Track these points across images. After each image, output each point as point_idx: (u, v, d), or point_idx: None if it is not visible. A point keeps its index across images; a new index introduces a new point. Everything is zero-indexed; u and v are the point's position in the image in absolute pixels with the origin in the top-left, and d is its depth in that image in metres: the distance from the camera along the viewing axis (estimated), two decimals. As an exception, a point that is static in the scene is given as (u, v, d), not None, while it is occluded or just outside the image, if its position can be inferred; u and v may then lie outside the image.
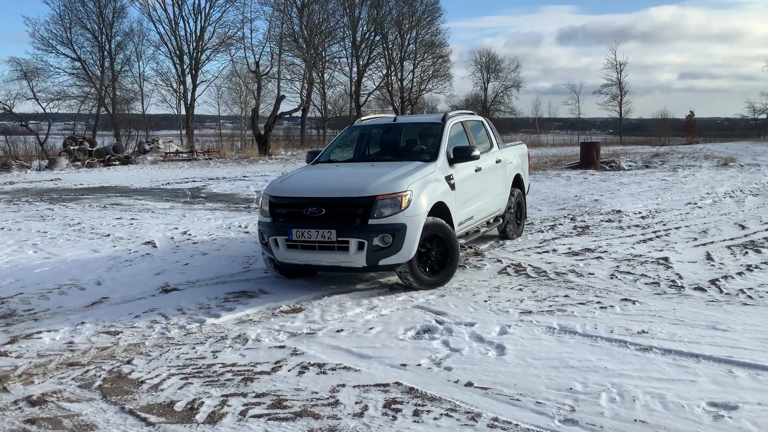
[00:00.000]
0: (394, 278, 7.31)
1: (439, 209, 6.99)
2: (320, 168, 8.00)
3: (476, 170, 8.10)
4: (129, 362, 4.99)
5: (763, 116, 59.38)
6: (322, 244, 6.48)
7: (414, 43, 57.65)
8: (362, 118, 9.20)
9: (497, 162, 9.00)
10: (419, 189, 6.69)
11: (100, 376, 4.71)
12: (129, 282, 7.51)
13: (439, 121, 8.24)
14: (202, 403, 4.18)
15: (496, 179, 8.95)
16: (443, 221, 6.94)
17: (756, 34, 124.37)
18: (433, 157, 7.54)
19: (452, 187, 7.35)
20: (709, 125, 71.89)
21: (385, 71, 57.41)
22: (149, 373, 4.75)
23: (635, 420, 3.75)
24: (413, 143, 8.23)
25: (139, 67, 67.12)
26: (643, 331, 5.22)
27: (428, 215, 6.72)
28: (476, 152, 7.79)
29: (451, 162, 7.60)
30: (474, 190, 8.01)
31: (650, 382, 4.26)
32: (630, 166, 22.42)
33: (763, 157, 23.73)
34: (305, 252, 6.62)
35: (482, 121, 9.39)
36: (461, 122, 8.54)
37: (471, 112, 9.65)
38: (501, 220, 9.27)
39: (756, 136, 47.89)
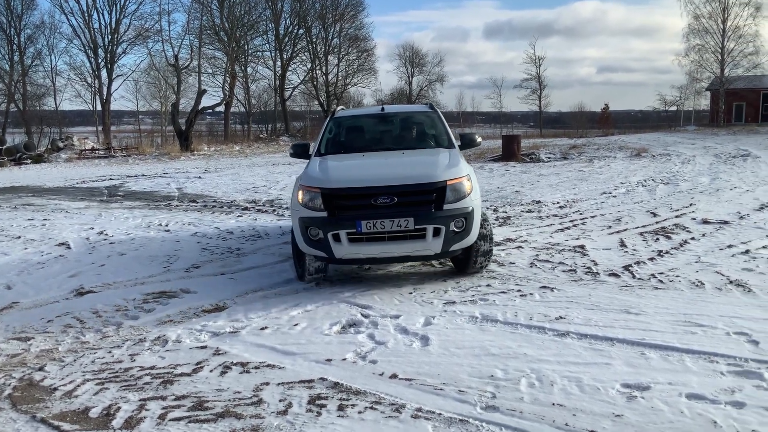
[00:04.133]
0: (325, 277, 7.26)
1: None
2: (350, 158, 7.41)
3: None
4: (41, 369, 4.77)
5: (674, 108, 62.26)
6: (394, 235, 6.21)
7: (338, 37, 57.36)
8: (337, 109, 8.85)
9: None
10: (471, 174, 6.79)
11: (9, 385, 4.49)
12: (41, 285, 7.19)
13: (429, 110, 8.40)
14: (119, 408, 4.04)
15: None
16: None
17: (672, 30, 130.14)
18: (449, 144, 7.65)
19: None
20: (624, 117, 74.69)
21: (309, 65, 56.94)
22: (62, 379, 4.56)
23: (553, 404, 3.86)
24: (419, 132, 8.17)
25: (51, 61, 63.99)
26: (561, 317, 5.38)
27: None
28: (479, 139, 7.94)
29: (460, 149, 7.76)
30: None
31: (567, 366, 4.39)
32: (549, 158, 23.08)
33: (674, 147, 24.88)
34: (373, 244, 6.26)
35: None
36: None
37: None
38: None
39: (667, 127, 50.11)
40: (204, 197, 15.02)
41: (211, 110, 44.90)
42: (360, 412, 3.86)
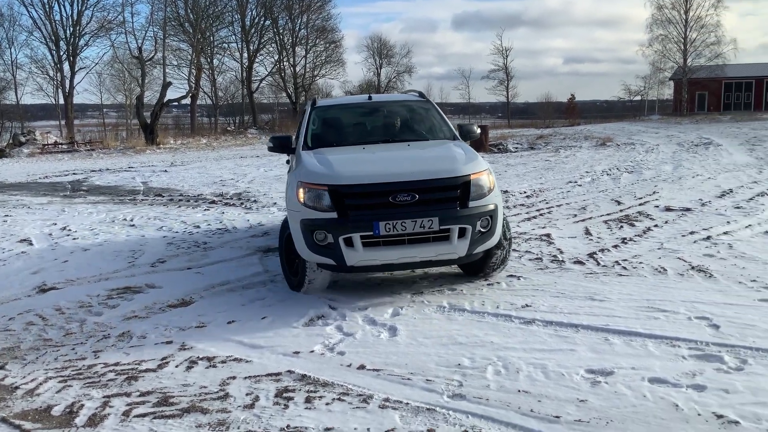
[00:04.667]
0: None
1: None
2: (350, 152, 6.49)
3: None
4: (2, 368, 4.67)
5: (638, 98, 63.18)
6: (415, 237, 5.54)
7: (305, 29, 57.02)
8: (317, 99, 7.97)
9: None
10: (489, 167, 6.18)
11: (-32, 386, 4.38)
12: (2, 283, 7.03)
13: (421, 98, 7.74)
14: (82, 405, 3.98)
15: None
16: None
17: (637, 20, 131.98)
18: (452, 135, 7.03)
19: None
20: (589, 107, 75.55)
21: (277, 57, 56.49)
22: (24, 378, 4.47)
23: (519, 391, 3.90)
24: (416, 122, 7.40)
25: (11, 53, 62.41)
26: (527, 305, 5.43)
27: None
28: (478, 130, 7.34)
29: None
30: None
31: (533, 353, 4.44)
32: (516, 148, 23.27)
33: (638, 136, 25.25)
34: (392, 249, 5.54)
35: None
36: None
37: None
38: None
39: (632, 116, 50.84)
40: (170, 191, 14.83)
41: (176, 103, 44.29)
42: (327, 404, 3.86)
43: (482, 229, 5.70)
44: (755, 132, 24.24)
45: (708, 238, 7.61)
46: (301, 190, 5.79)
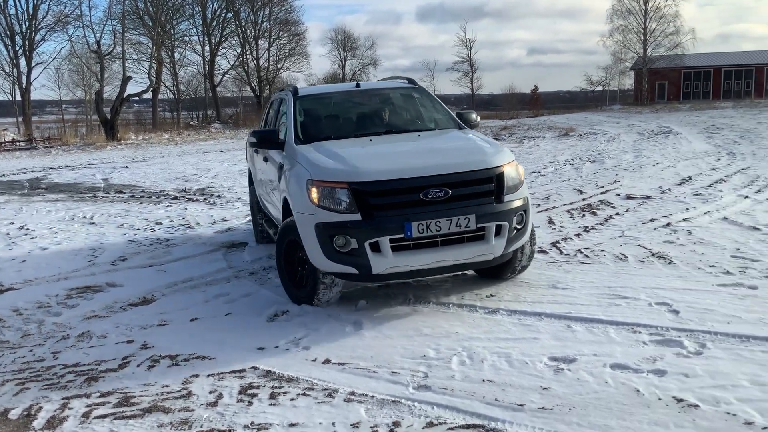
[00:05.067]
0: (258, 264, 7.17)
1: None
2: (358, 144, 5.85)
3: None
4: (-45, 373, 4.53)
5: (600, 88, 64.05)
6: (449, 238, 4.99)
7: (268, 21, 56.42)
8: (298, 87, 7.00)
9: None
10: None
11: None
12: (-45, 285, 6.82)
13: (413, 85, 7.16)
14: (41, 408, 3.88)
15: None
16: None
17: (598, 11, 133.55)
18: (456, 124, 6.51)
19: None
20: (553, 98, 76.30)
21: (239, 50, 55.84)
22: (-21, 382, 4.34)
23: (483, 380, 3.92)
24: (416, 111, 6.85)
25: (-36, 49, 60.72)
26: (492, 295, 5.46)
27: None
28: (478, 119, 6.84)
29: None
30: None
31: (497, 342, 4.46)
32: (482, 138, 23.35)
33: (600, 126, 25.60)
34: (424, 252, 4.97)
35: None
36: None
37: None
38: None
39: (594, 107, 51.51)
40: (131, 188, 14.58)
41: (137, 98, 43.56)
42: (292, 399, 3.82)
43: (518, 226, 5.27)
44: (713, 120, 24.75)
45: (668, 225, 7.74)
46: (314, 190, 5.08)
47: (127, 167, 19.55)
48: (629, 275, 5.80)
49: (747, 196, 9.31)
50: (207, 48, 54.12)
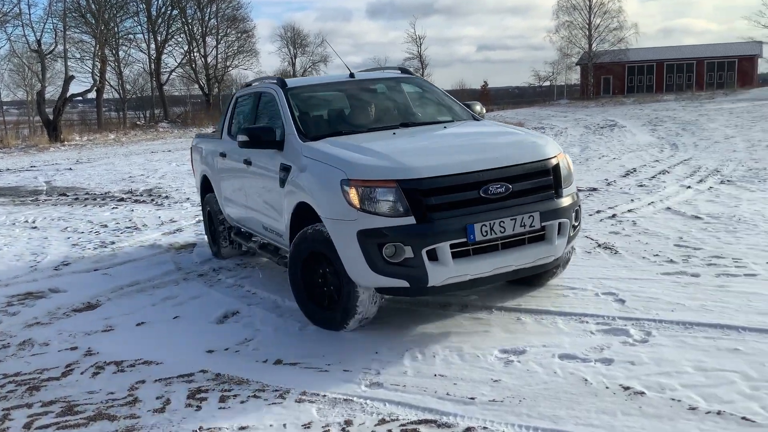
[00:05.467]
0: (208, 266, 7.05)
1: None
2: (383, 138, 5.16)
3: None
4: None
5: (548, 83, 65.11)
6: (510, 240, 4.43)
7: (215, 18, 55.58)
8: (285, 80, 6.05)
9: None
10: None
11: None
12: None
13: (411, 75, 6.60)
14: (-22, 421, 3.73)
15: None
16: None
17: (544, 7, 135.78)
18: (469, 114, 6.00)
19: None
20: (502, 94, 77.20)
21: (186, 47, 54.84)
22: None
23: (435, 375, 3.93)
24: (424, 101, 6.28)
25: None
26: (443, 290, 5.47)
27: None
28: (484, 110, 6.26)
29: None
30: None
31: (449, 337, 4.48)
32: (433, 134, 23.48)
33: (548, 121, 26.05)
34: (484, 259, 4.36)
35: None
36: None
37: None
38: None
39: (542, 102, 52.36)
40: (75, 190, 14.16)
41: (81, 97, 42.34)
42: (242, 402, 3.76)
43: (575, 223, 4.81)
44: (656, 113, 25.42)
45: (613, 216, 7.90)
46: (353, 191, 4.32)
47: (70, 169, 18.98)
48: (576, 266, 5.88)
49: (689, 187, 9.58)
50: (153, 46, 52.97)
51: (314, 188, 4.69)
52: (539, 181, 4.61)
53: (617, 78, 57.04)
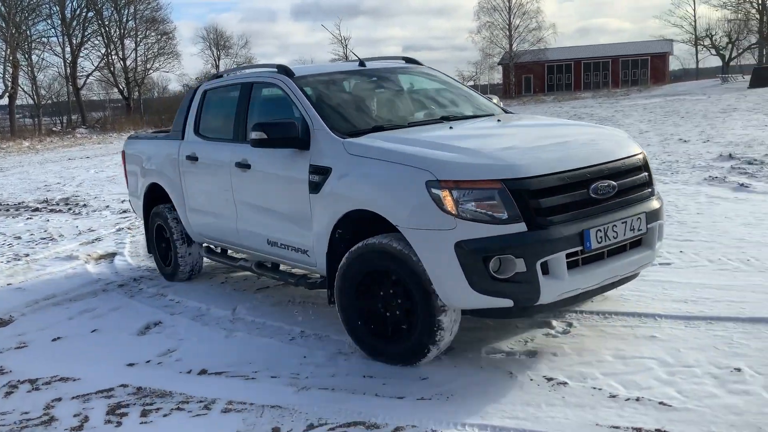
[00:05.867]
0: (128, 275, 6.80)
1: None
2: (440, 129, 4.58)
3: None
4: None
5: (471, 83, 66.30)
6: (618, 245, 3.95)
7: (134, 20, 54.02)
8: (291, 67, 5.17)
9: None
10: None
11: None
12: None
13: (419, 64, 5.91)
14: None
15: None
16: None
17: (467, 8, 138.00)
18: (499, 107, 5.44)
19: None
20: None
21: (104, 50, 53.02)
22: None
23: (364, 376, 3.91)
24: (452, 93, 5.54)
25: None
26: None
27: None
28: (501, 104, 5.69)
29: None
30: None
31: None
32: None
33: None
34: (594, 269, 3.82)
35: None
36: None
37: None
38: None
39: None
40: (-14, 201, 13.45)
41: (-9, 104, 40.29)
42: (165, 416, 3.64)
43: (663, 222, 4.36)
44: (575, 110, 26.27)
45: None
46: (446, 194, 3.61)
47: (-20, 179, 18.04)
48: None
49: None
50: (68, 49, 51.02)
51: (382, 193, 3.90)
52: (638, 179, 4.15)
53: (537, 77, 58.70)
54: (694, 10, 62.67)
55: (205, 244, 6.00)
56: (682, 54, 60.42)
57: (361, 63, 5.51)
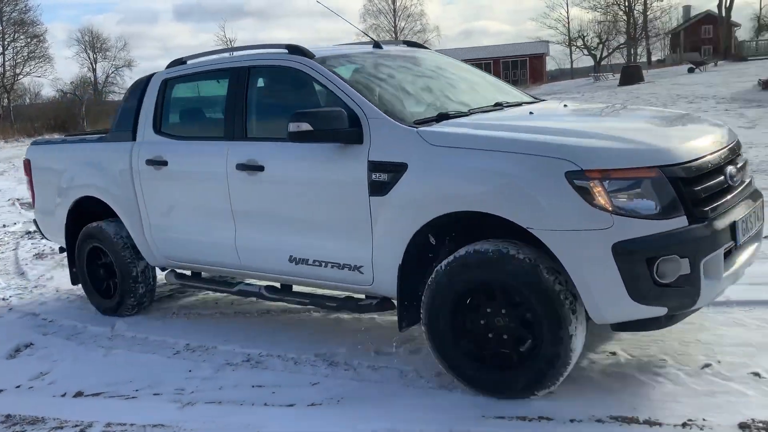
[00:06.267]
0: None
1: None
2: (527, 117, 3.85)
3: None
4: None
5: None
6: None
7: (0, 23, 50.53)
8: (315, 53, 4.20)
9: None
10: None
11: None
12: None
13: (422, 47, 5.42)
14: None
15: None
16: None
17: (354, 10, 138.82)
18: (523, 95, 4.82)
19: None
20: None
21: (-35, 55, 49.26)
22: None
23: (253, 386, 3.80)
24: (484, 78, 5.02)
25: None
26: (256, 300, 5.35)
27: None
28: None
29: None
30: None
31: (264, 345, 4.35)
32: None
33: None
34: (739, 264, 3.36)
35: None
36: None
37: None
38: None
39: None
40: None
41: None
42: (37, 444, 3.40)
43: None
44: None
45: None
46: (596, 186, 3.03)
47: None
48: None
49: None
50: (-76, 53, 47.00)
51: (499, 189, 3.23)
52: (744, 166, 3.76)
53: (426, 78, 59.88)
54: (567, 13, 65.91)
55: (171, 267, 4.98)
56: (558, 54, 63.38)
57: (377, 44, 4.80)
